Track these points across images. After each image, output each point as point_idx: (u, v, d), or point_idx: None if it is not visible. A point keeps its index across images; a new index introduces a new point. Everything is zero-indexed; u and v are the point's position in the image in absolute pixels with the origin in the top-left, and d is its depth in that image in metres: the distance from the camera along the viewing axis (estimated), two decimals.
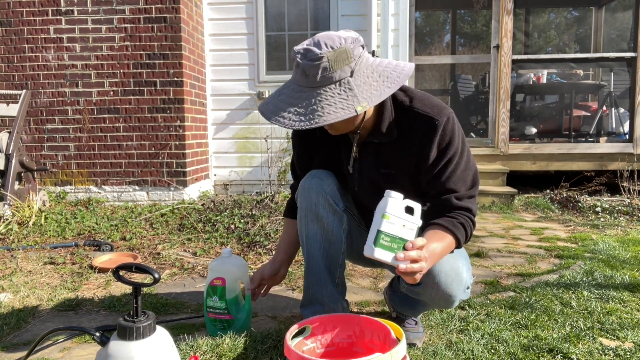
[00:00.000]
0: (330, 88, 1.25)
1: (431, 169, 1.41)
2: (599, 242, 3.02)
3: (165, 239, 3.16)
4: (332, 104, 1.24)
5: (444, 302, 1.48)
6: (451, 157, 1.39)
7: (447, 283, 1.41)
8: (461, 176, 1.41)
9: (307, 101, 1.25)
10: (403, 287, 1.57)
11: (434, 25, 9.33)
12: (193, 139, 4.47)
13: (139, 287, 1.11)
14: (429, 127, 1.39)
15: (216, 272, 1.64)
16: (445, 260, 1.39)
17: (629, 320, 1.82)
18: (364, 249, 1.17)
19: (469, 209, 1.40)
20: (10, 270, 2.54)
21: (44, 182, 4.35)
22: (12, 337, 1.76)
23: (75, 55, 4.26)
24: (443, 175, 1.40)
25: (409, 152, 1.43)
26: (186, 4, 4.31)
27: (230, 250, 1.68)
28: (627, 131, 5.38)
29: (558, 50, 8.11)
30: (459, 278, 1.42)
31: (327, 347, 1.32)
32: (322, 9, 4.93)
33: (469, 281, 1.46)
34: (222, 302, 1.64)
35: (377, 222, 1.17)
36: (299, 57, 1.27)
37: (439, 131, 1.38)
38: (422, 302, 1.60)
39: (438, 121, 1.39)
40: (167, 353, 1.11)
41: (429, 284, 1.42)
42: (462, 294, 1.46)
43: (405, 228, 1.17)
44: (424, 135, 1.40)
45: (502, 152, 5.17)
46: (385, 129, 1.43)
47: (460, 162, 1.41)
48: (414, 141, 1.42)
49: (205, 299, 1.66)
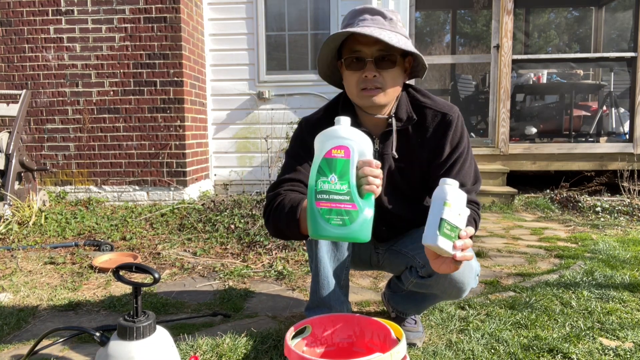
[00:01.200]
0: (405, 38, 1.40)
1: (443, 164, 1.47)
2: (599, 242, 3.02)
3: (165, 239, 3.16)
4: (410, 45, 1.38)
5: (456, 291, 1.48)
6: (461, 152, 1.47)
7: (459, 272, 1.39)
8: (468, 171, 1.48)
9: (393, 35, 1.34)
10: (411, 283, 1.57)
11: (434, 25, 9.32)
12: (193, 139, 4.47)
13: (139, 287, 1.11)
14: (444, 122, 1.47)
15: (337, 139, 1.11)
16: None
17: (629, 320, 1.82)
18: (424, 238, 1.12)
19: (477, 202, 1.46)
20: (10, 270, 2.54)
21: (44, 182, 4.35)
22: (12, 337, 1.76)
23: (75, 55, 4.26)
24: (454, 170, 1.46)
25: (423, 146, 1.49)
26: (186, 4, 4.31)
27: (349, 120, 1.13)
28: (627, 131, 5.38)
29: (558, 50, 8.10)
30: (469, 265, 1.43)
31: (327, 347, 1.32)
32: (322, 8, 4.93)
33: (478, 268, 1.48)
34: (344, 183, 1.08)
35: (439, 210, 1.11)
36: (374, 5, 1.39)
37: (452, 126, 1.47)
38: (430, 296, 1.60)
39: (452, 117, 1.47)
40: (167, 353, 1.11)
41: (441, 274, 1.42)
42: (473, 281, 1.47)
43: (460, 217, 1.15)
44: (438, 130, 1.48)
45: (502, 152, 5.17)
46: (404, 114, 1.49)
47: (467, 157, 1.49)
48: (428, 134, 1.49)
49: (316, 181, 1.08)
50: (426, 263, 1.45)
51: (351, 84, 1.43)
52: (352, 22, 1.39)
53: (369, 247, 1.71)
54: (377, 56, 1.37)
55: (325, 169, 1.08)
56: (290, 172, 1.47)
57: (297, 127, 1.59)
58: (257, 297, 2.18)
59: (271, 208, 1.41)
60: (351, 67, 1.40)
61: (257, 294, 2.21)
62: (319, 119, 1.51)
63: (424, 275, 1.49)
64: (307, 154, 1.40)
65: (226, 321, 1.88)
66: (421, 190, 1.58)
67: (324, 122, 1.42)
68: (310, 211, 1.07)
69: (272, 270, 2.50)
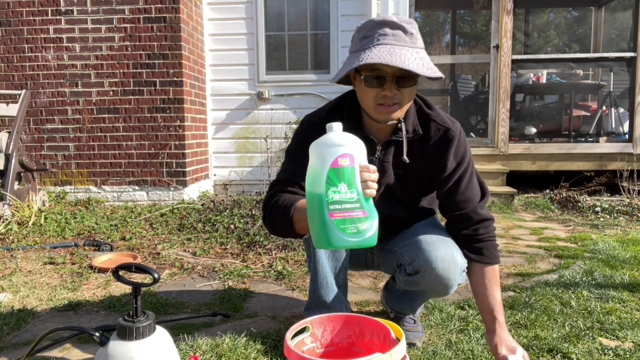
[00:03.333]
0: (424, 51, 1.37)
1: (448, 180, 1.48)
2: (598, 242, 3.02)
3: (165, 239, 3.16)
4: (432, 65, 1.35)
5: (442, 287, 1.50)
6: (466, 167, 1.49)
7: (444, 268, 1.45)
8: (475, 185, 1.51)
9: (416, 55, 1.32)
10: (401, 282, 1.59)
11: (433, 25, 9.33)
12: (193, 139, 4.47)
13: (139, 287, 1.11)
14: (446, 136, 1.48)
15: (340, 148, 1.08)
16: (439, 246, 1.46)
17: (628, 320, 1.82)
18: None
19: (489, 218, 1.51)
20: (10, 270, 2.54)
21: (44, 182, 4.35)
22: (12, 337, 1.76)
23: (75, 55, 4.26)
24: (461, 186, 1.48)
25: (423, 157, 1.50)
26: (186, 4, 4.31)
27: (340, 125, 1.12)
28: (626, 131, 5.38)
29: (558, 50, 8.10)
30: (454, 262, 1.45)
31: (327, 347, 1.32)
32: (322, 9, 4.93)
33: (464, 264, 1.49)
34: (352, 191, 1.07)
35: None
36: (394, 18, 1.32)
37: (455, 142, 1.48)
38: (420, 293, 1.62)
39: (454, 132, 1.48)
40: (167, 353, 1.11)
41: (427, 270, 1.46)
42: (459, 277, 1.49)
43: None
44: (440, 144, 1.48)
45: (502, 152, 5.17)
46: (411, 126, 1.48)
47: (473, 172, 1.51)
48: (429, 147, 1.49)
49: (326, 192, 1.06)
50: (413, 260, 1.50)
51: (368, 98, 1.39)
52: (371, 35, 1.33)
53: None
54: (399, 75, 1.33)
55: (334, 179, 1.06)
56: (288, 173, 1.50)
57: (299, 126, 1.56)
58: (257, 297, 2.18)
59: (268, 207, 1.45)
60: (370, 84, 1.36)
61: (257, 294, 2.21)
62: (322, 119, 1.49)
63: (411, 272, 1.52)
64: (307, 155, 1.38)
65: (226, 321, 1.88)
66: (417, 196, 1.61)
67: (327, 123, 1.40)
68: (321, 223, 1.04)
69: (272, 270, 2.50)
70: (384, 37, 1.31)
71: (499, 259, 1.50)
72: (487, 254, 1.47)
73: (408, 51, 1.31)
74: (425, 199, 1.65)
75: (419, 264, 1.48)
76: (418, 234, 1.54)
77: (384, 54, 1.27)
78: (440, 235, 1.51)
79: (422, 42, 1.38)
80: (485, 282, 1.45)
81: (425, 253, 1.46)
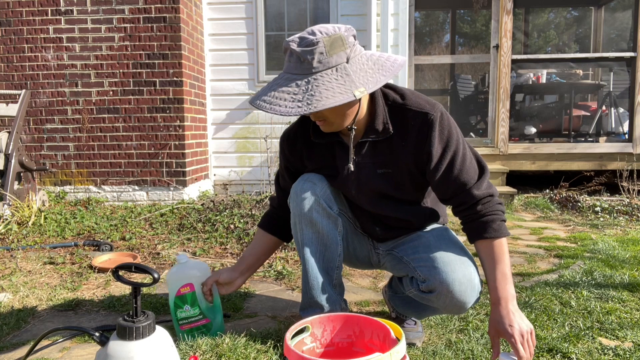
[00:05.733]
0: (327, 73, 1.25)
1: (439, 167, 1.40)
2: (598, 241, 3.02)
3: (164, 238, 3.16)
4: (330, 88, 1.22)
5: (457, 309, 1.46)
6: (455, 150, 1.39)
7: (461, 291, 1.39)
8: (470, 165, 1.41)
9: (304, 87, 1.24)
10: (411, 292, 1.54)
11: (433, 25, 9.33)
12: (193, 139, 4.47)
13: (139, 287, 1.11)
14: (424, 122, 1.39)
15: (181, 280, 1.57)
16: (457, 267, 1.40)
17: (628, 319, 1.82)
18: None
19: (491, 194, 1.40)
20: (10, 270, 2.54)
21: (44, 182, 4.35)
22: (12, 337, 1.75)
23: (74, 55, 4.26)
24: (454, 171, 1.39)
25: (406, 150, 1.43)
26: (186, 4, 4.31)
27: (185, 256, 1.61)
28: (626, 131, 5.38)
29: (558, 50, 8.10)
30: (472, 285, 1.40)
31: (327, 347, 1.32)
32: (321, 8, 4.93)
33: (480, 286, 1.44)
34: (195, 309, 1.57)
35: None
36: (294, 45, 1.26)
37: (435, 126, 1.38)
38: (431, 307, 1.57)
39: (433, 116, 1.39)
40: (167, 353, 1.11)
41: (442, 292, 1.40)
42: (474, 299, 1.44)
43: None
44: (420, 131, 1.40)
45: (502, 151, 5.18)
46: (380, 125, 1.42)
47: (465, 152, 1.41)
48: (410, 138, 1.41)
49: (174, 313, 1.58)
50: (427, 278, 1.43)
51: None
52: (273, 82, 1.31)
53: (368, 246, 1.70)
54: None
55: (180, 303, 1.57)
56: (276, 192, 1.74)
57: (279, 143, 1.64)
58: (257, 297, 2.18)
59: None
60: None
61: (257, 294, 2.21)
62: (295, 134, 1.58)
63: (425, 290, 1.46)
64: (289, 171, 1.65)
65: (226, 321, 1.88)
66: (415, 192, 1.55)
67: (299, 135, 1.56)
68: (177, 332, 1.60)
69: (272, 270, 2.50)
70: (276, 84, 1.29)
71: (500, 233, 1.36)
72: (488, 229, 1.37)
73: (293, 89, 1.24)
74: (429, 196, 1.59)
75: (434, 284, 1.41)
76: (432, 248, 1.46)
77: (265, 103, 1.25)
78: (457, 255, 1.43)
79: (331, 60, 1.25)
80: (484, 257, 1.39)
81: (442, 275, 1.39)
